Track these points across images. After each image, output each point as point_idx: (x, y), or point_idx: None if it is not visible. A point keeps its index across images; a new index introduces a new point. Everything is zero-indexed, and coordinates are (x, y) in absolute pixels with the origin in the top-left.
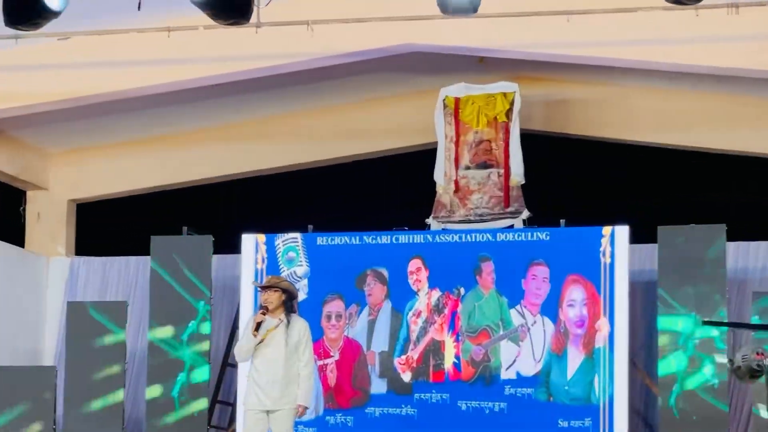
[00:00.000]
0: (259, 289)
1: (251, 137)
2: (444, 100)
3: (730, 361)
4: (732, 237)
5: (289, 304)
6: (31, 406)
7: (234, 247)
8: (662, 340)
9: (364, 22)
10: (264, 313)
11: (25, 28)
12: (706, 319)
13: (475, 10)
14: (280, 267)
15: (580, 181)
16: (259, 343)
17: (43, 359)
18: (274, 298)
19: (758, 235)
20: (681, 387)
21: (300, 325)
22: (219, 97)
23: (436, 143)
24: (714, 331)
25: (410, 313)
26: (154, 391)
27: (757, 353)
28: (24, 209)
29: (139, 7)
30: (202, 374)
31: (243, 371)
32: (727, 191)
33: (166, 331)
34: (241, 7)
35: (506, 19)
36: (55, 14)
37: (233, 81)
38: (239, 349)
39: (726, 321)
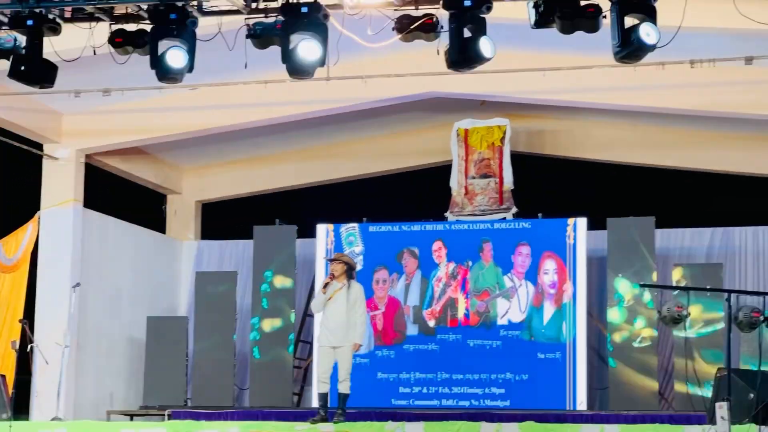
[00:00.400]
0: (329, 261)
1: (323, 157)
2: (457, 130)
3: (659, 312)
4: (659, 225)
5: (349, 272)
6: (170, 346)
7: (312, 234)
8: (610, 297)
9: (401, 76)
10: (331, 278)
11: (167, 82)
12: (642, 283)
13: None
14: (343, 247)
15: (552, 186)
16: (329, 299)
17: (178, 311)
18: (339, 268)
19: (679, 224)
20: (623, 330)
21: (357, 288)
22: (300, 129)
23: (451, 161)
24: (646, 294)
25: (434, 279)
26: (258, 330)
27: (678, 306)
28: (165, 208)
29: (245, 66)
30: (290, 321)
31: (317, 320)
32: (656, 191)
33: (267, 287)
34: (306, 69)
35: (500, 73)
36: (180, 75)
37: (310, 118)
38: (315, 304)
39: (656, 284)
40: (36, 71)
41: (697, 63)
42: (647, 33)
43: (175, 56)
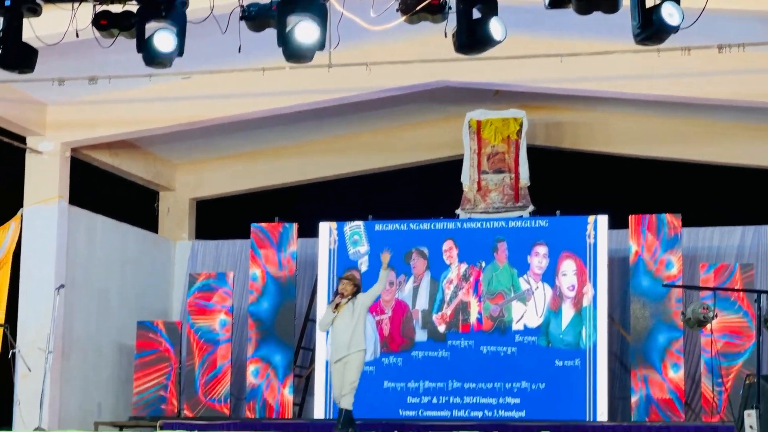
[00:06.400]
0: (339, 279)
1: (325, 151)
2: (469, 122)
3: (683, 314)
4: (687, 223)
5: (356, 291)
6: (162, 353)
7: (314, 233)
8: (633, 299)
9: (408, 63)
10: (341, 298)
11: (155, 67)
12: (665, 283)
13: None
14: (348, 247)
15: (571, 182)
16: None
17: (171, 315)
18: (349, 288)
19: (707, 222)
20: (648, 335)
21: (360, 297)
22: (301, 121)
23: (463, 155)
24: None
25: (444, 281)
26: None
27: (703, 308)
28: (157, 205)
29: (239, 51)
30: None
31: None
32: (683, 187)
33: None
34: (304, 53)
35: (514, 60)
36: (169, 60)
37: (312, 109)
38: (321, 322)
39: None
40: (14, 55)
41: (726, 48)
42: (670, 13)
43: (163, 39)
